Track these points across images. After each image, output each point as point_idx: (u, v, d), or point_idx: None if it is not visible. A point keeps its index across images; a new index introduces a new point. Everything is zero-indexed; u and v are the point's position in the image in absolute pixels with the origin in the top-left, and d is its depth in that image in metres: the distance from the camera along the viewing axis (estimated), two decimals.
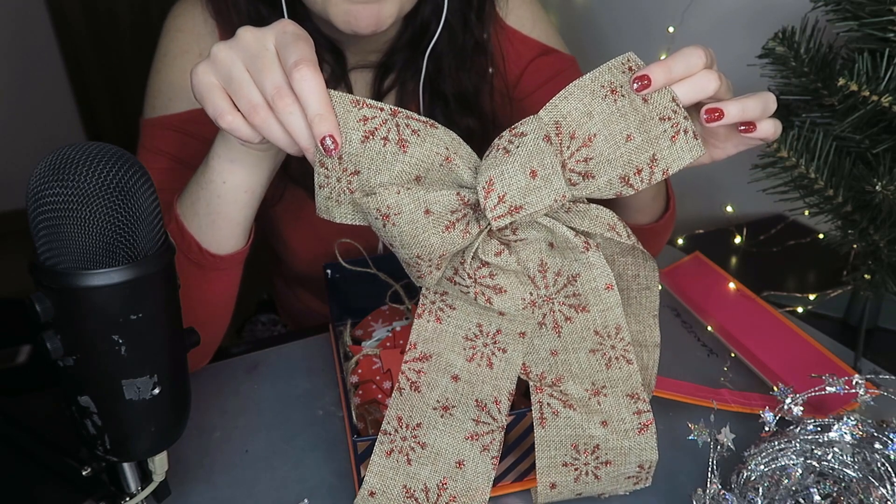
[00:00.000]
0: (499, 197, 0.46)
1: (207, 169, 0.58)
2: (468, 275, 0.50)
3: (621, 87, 0.47)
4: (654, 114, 0.47)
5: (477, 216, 0.48)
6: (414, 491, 0.54)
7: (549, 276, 0.52)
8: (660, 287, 0.56)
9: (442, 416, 0.54)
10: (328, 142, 0.46)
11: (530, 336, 0.54)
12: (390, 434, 0.54)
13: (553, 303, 0.53)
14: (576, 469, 0.56)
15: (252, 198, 0.59)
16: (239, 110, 0.49)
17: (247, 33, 0.49)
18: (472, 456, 0.54)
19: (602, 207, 0.50)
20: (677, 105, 0.48)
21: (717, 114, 0.49)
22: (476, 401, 0.54)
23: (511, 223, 0.48)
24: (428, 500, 0.54)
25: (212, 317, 0.66)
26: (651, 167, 0.48)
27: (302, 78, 0.46)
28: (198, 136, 0.73)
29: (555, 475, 0.56)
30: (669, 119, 0.47)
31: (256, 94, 0.48)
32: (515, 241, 0.50)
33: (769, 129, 0.52)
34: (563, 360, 0.54)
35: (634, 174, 0.48)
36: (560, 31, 0.89)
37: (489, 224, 0.48)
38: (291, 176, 0.78)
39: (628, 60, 0.48)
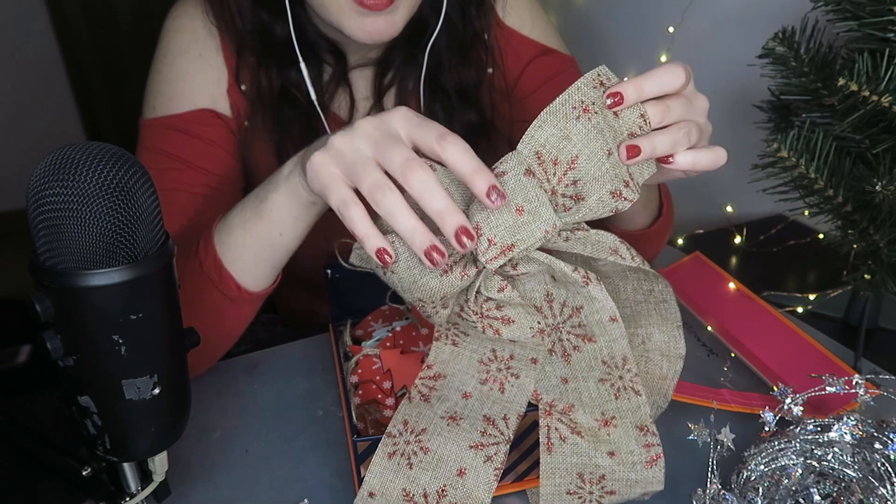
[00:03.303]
0: (488, 240, 0.46)
1: (262, 220, 0.58)
2: (473, 311, 0.50)
3: (593, 104, 0.47)
4: (623, 129, 0.48)
5: (474, 257, 0.48)
6: (413, 495, 0.54)
7: (555, 306, 0.53)
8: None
9: (448, 425, 0.54)
10: (494, 195, 0.44)
11: (542, 362, 0.54)
12: (394, 437, 0.54)
13: (561, 332, 0.54)
14: (580, 497, 0.55)
15: (299, 243, 0.61)
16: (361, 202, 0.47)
17: (367, 123, 0.48)
18: (475, 465, 0.54)
19: (603, 232, 0.50)
20: (644, 121, 0.48)
21: (635, 150, 0.48)
22: (484, 416, 0.55)
23: (509, 261, 0.48)
24: None
25: (230, 336, 0.68)
26: (632, 178, 0.49)
27: (454, 143, 0.45)
28: (198, 135, 0.73)
29: (558, 502, 0.56)
30: (636, 135, 0.48)
31: (381, 174, 0.46)
32: (517, 276, 0.50)
33: (687, 160, 0.50)
34: (573, 387, 0.55)
35: (625, 187, 0.48)
36: (560, 31, 0.89)
37: (484, 267, 0.48)
38: None
39: (598, 75, 0.48)
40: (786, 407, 0.59)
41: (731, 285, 0.84)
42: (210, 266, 0.61)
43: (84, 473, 0.48)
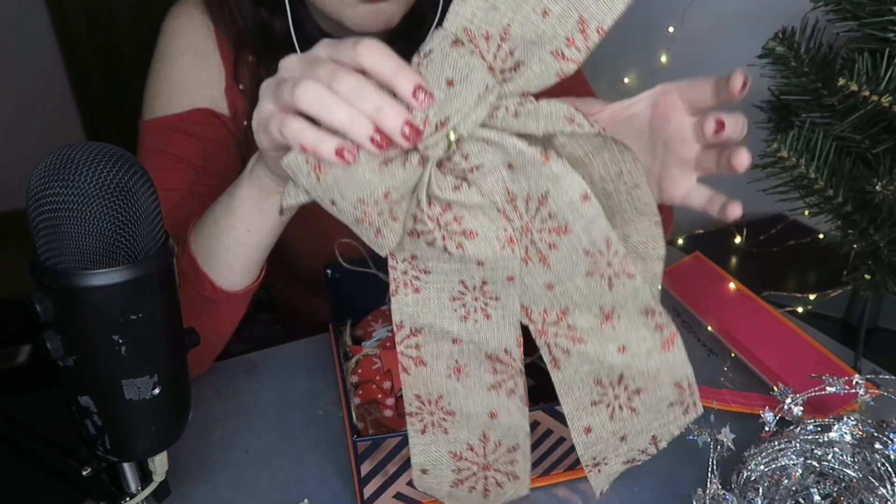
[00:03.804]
0: (423, 122, 0.42)
1: (231, 216, 0.57)
2: (429, 217, 0.45)
3: None
4: None
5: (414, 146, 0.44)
6: (461, 452, 0.53)
7: (519, 205, 0.47)
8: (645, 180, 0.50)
9: (458, 380, 0.51)
10: (421, 95, 0.41)
11: (519, 276, 0.49)
12: (417, 414, 0.52)
13: (531, 233, 0.48)
14: (607, 405, 0.51)
15: (273, 240, 0.60)
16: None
17: (289, 59, 0.46)
18: (502, 402, 0.51)
19: (555, 101, 0.45)
20: None
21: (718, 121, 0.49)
22: (486, 355, 0.51)
23: (452, 145, 0.44)
24: (476, 454, 0.53)
25: (219, 338, 0.68)
26: (583, 32, 0.44)
27: (368, 45, 0.42)
28: (197, 135, 0.73)
29: (586, 417, 0.51)
30: None
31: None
32: (471, 170, 0.46)
33: (735, 124, 0.50)
34: (560, 291, 0.49)
35: (568, 46, 0.44)
36: None
37: (424, 149, 0.44)
38: None
39: None
40: (786, 407, 0.59)
41: (731, 285, 0.84)
42: (186, 265, 0.60)
43: (84, 473, 0.48)
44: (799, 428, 0.58)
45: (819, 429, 0.58)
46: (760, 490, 0.54)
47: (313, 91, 0.42)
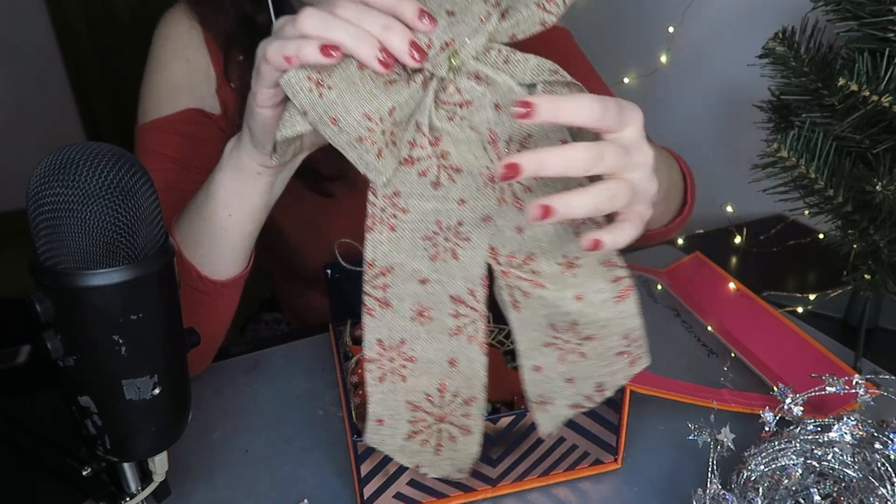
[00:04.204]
0: (426, 45, 0.45)
1: (212, 202, 0.57)
2: (430, 142, 0.47)
3: None
4: None
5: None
6: (418, 402, 0.53)
7: (500, 146, 0.48)
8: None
9: (422, 324, 0.52)
10: (425, 19, 0.43)
11: (494, 217, 0.50)
12: (376, 360, 0.52)
13: None
14: (558, 348, 0.52)
15: (257, 226, 0.59)
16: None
17: (282, 18, 0.47)
18: (461, 349, 0.52)
19: (539, 57, 0.48)
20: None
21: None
22: (450, 296, 0.52)
23: (453, 67, 0.46)
24: (433, 405, 0.53)
25: (214, 332, 0.67)
26: None
27: None
28: (189, 135, 0.74)
29: (537, 356, 0.53)
30: None
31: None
32: (461, 105, 0.47)
33: (588, 240, 0.44)
34: (529, 235, 0.50)
35: (548, 2, 0.47)
36: None
37: (431, 74, 0.46)
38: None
39: None
40: (786, 407, 0.59)
41: (731, 285, 0.84)
42: None
43: (84, 473, 0.48)
44: (799, 428, 0.58)
45: (819, 429, 0.58)
46: (760, 490, 0.54)
47: (317, 16, 0.43)
